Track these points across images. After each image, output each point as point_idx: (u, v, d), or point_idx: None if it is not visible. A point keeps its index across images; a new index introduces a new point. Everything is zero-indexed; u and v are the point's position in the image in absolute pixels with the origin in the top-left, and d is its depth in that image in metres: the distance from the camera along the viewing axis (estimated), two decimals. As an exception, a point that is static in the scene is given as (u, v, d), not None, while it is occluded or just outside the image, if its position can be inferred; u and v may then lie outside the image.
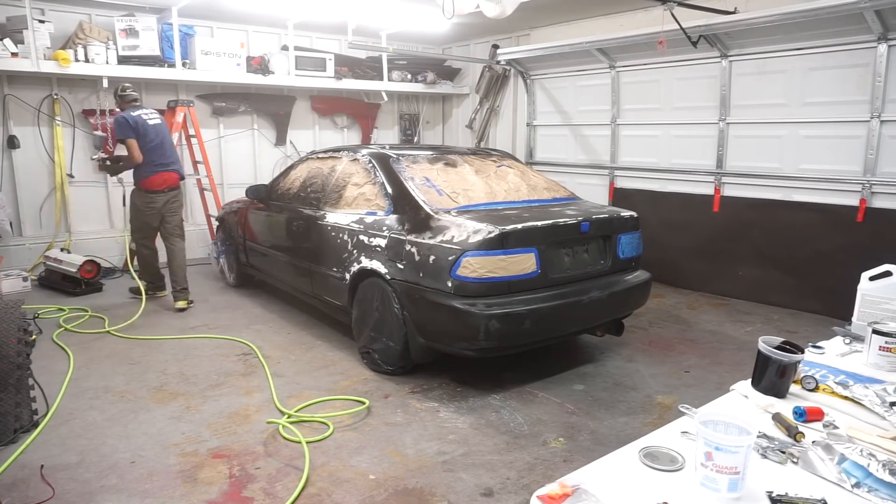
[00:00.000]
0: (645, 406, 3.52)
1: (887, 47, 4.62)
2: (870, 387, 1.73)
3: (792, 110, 5.28)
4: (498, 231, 3.39)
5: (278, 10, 6.64)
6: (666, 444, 1.45)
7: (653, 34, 5.54)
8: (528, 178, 4.53)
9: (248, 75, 7.00)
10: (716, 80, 5.75)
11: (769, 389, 1.73)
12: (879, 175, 4.82)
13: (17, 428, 3.02)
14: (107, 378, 3.84)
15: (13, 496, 2.56)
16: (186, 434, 3.14)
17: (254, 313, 5.28)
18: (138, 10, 6.42)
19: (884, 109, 4.72)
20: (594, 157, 7.10)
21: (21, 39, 5.66)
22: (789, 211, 5.37)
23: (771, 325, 5.01)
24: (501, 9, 4.83)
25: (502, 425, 3.26)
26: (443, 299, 3.46)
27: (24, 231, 6.47)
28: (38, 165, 6.45)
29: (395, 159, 4.22)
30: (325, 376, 3.90)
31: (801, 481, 1.32)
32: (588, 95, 7.02)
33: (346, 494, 2.61)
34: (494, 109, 8.60)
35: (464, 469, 2.82)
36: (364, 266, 3.98)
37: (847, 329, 2.24)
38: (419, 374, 3.88)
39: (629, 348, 4.45)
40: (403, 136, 9.43)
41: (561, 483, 1.26)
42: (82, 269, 5.71)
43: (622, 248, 4.04)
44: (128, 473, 2.76)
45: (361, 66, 8.18)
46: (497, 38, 8.36)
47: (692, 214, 6.08)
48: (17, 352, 3.02)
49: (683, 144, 6.14)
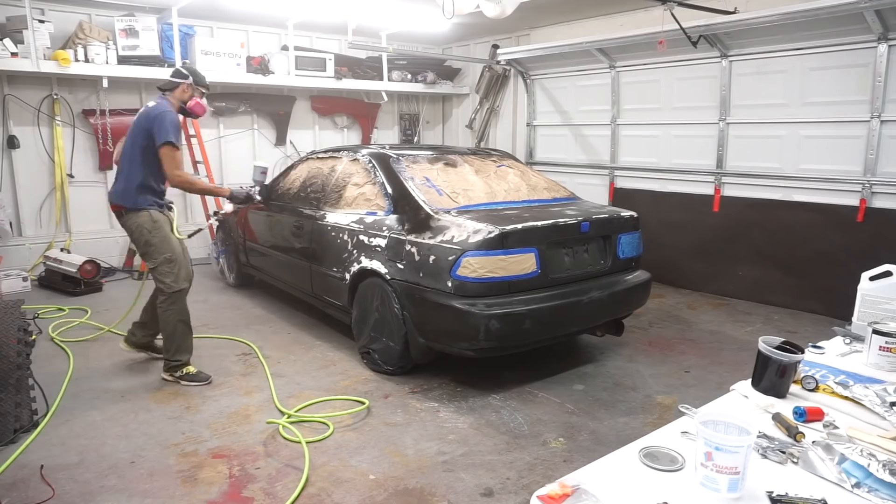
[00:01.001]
0: (645, 406, 3.52)
1: (887, 47, 4.62)
2: (870, 387, 1.73)
3: (792, 110, 5.28)
4: (498, 231, 3.39)
5: (278, 10, 6.63)
6: (666, 444, 1.45)
7: (653, 34, 5.54)
8: (528, 178, 4.54)
9: (248, 75, 7.00)
10: (716, 80, 5.75)
11: (769, 389, 1.73)
12: (879, 175, 4.81)
13: (17, 428, 3.02)
14: (107, 378, 3.84)
15: (13, 496, 2.56)
16: (186, 434, 3.14)
17: (254, 313, 5.28)
18: (138, 10, 6.42)
19: (884, 109, 4.72)
20: (594, 157, 7.09)
21: (21, 39, 5.66)
22: (789, 211, 5.36)
23: (771, 325, 5.00)
24: (501, 9, 4.84)
25: (502, 425, 3.26)
26: (443, 299, 3.45)
27: (24, 231, 6.47)
28: (38, 165, 6.44)
29: (395, 159, 4.22)
30: (325, 376, 3.90)
31: (801, 481, 1.31)
32: (588, 95, 7.02)
33: (346, 494, 2.61)
34: (494, 109, 8.60)
35: (464, 469, 2.82)
36: (364, 266, 3.98)
37: (847, 329, 2.24)
38: (419, 374, 3.88)
39: (629, 348, 4.44)
40: (403, 136, 9.43)
41: (561, 483, 1.26)
42: (82, 269, 5.71)
43: (622, 248, 4.04)
44: (128, 473, 2.76)
45: (361, 66, 8.18)
46: (497, 38, 8.35)
47: (692, 214, 6.07)
48: (17, 352, 3.02)
49: (683, 144, 6.14)
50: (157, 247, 3.64)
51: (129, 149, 3.65)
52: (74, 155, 6.60)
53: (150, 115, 3.60)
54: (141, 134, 3.61)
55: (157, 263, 3.65)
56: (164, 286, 3.66)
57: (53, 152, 6.45)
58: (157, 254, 3.65)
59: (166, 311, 3.69)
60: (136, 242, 3.74)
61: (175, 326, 3.72)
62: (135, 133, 3.64)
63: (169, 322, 3.71)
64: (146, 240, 3.64)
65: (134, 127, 3.66)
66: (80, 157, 6.66)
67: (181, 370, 3.75)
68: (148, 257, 3.68)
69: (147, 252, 3.67)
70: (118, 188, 3.67)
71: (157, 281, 3.69)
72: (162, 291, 3.68)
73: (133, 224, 3.64)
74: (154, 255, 3.65)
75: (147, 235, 3.63)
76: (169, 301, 3.67)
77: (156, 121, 3.56)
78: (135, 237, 3.69)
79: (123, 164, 3.68)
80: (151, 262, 3.67)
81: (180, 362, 3.76)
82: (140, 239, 3.66)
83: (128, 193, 3.62)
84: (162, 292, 3.68)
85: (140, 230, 3.63)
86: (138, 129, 3.62)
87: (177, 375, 3.75)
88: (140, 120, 3.64)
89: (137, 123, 3.64)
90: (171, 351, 3.74)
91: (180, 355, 3.76)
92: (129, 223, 3.65)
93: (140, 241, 3.67)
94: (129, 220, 3.65)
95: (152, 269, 3.69)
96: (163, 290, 3.67)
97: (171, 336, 3.72)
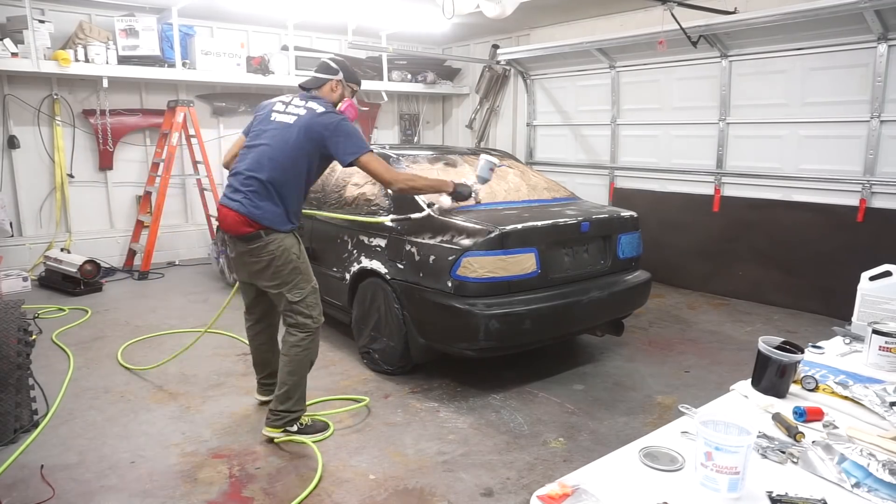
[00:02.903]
0: (645, 406, 3.52)
1: (887, 47, 4.62)
2: (870, 387, 1.73)
3: (792, 110, 5.28)
4: (498, 231, 3.39)
5: (278, 10, 6.64)
6: (666, 444, 1.45)
7: (653, 34, 5.54)
8: (528, 178, 4.54)
9: (248, 75, 7.00)
10: (716, 80, 5.75)
11: (769, 389, 1.73)
12: (879, 175, 4.82)
13: (17, 428, 3.02)
14: (107, 378, 3.84)
15: (13, 496, 2.56)
16: (186, 434, 3.14)
17: (254, 313, 5.27)
18: (138, 10, 6.42)
19: (884, 109, 4.72)
20: (594, 157, 7.10)
21: (21, 39, 5.66)
22: (789, 211, 5.36)
23: (771, 325, 5.00)
24: (501, 9, 4.84)
25: (502, 425, 3.26)
26: (443, 299, 3.46)
27: (24, 231, 6.46)
28: (39, 165, 6.44)
29: (395, 159, 4.22)
30: (325, 376, 3.90)
31: (801, 481, 1.31)
32: (588, 95, 7.02)
33: (346, 494, 2.61)
34: (494, 109, 8.60)
35: (464, 469, 2.82)
36: (364, 266, 3.98)
37: (847, 329, 2.24)
38: (419, 374, 3.88)
39: (629, 348, 4.44)
40: (403, 136, 9.43)
41: (561, 483, 1.26)
42: (82, 270, 5.71)
43: (622, 248, 4.04)
44: (128, 473, 2.76)
45: (361, 66, 8.18)
46: (497, 38, 8.35)
47: (692, 214, 6.07)
48: (17, 352, 3.02)
49: (683, 144, 6.14)
50: (307, 275, 3.00)
51: (287, 158, 2.86)
52: (74, 155, 6.60)
53: (323, 123, 2.87)
54: (311, 144, 2.88)
55: (304, 294, 2.96)
56: (311, 321, 2.99)
57: (53, 152, 6.45)
58: (306, 283, 2.98)
59: (304, 352, 2.99)
60: (274, 269, 2.91)
61: (305, 371, 3.06)
62: (299, 142, 2.86)
63: (303, 365, 3.02)
64: (295, 266, 2.94)
65: (294, 134, 2.86)
66: (80, 157, 6.66)
67: (299, 423, 3.08)
68: (294, 287, 2.94)
69: (293, 281, 2.94)
70: (255, 201, 2.84)
71: (299, 315, 2.96)
72: (305, 328, 2.97)
73: (278, 248, 2.89)
74: (302, 284, 2.96)
75: (297, 261, 2.95)
76: (309, 339, 3.01)
77: (335, 136, 2.87)
78: (277, 263, 2.90)
79: (270, 173, 2.85)
80: (298, 293, 2.94)
81: (300, 412, 3.08)
82: (286, 265, 2.92)
83: (275, 211, 2.88)
84: (304, 328, 2.97)
85: (288, 254, 2.91)
86: (303, 137, 2.86)
87: (294, 431, 3.04)
88: (304, 126, 2.87)
89: (301, 131, 2.86)
90: (293, 400, 3.01)
91: (302, 404, 3.08)
92: (272, 246, 2.88)
93: (286, 267, 2.92)
94: (273, 242, 2.88)
95: (297, 301, 2.95)
96: (307, 326, 2.97)
97: (298, 383, 3.02)
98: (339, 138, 2.88)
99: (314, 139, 2.88)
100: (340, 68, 3.08)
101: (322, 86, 3.06)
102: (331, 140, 2.88)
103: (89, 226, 6.83)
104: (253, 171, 2.87)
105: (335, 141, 2.88)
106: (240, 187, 2.89)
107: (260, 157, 2.89)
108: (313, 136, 2.87)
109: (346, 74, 3.09)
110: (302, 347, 2.99)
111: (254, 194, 2.85)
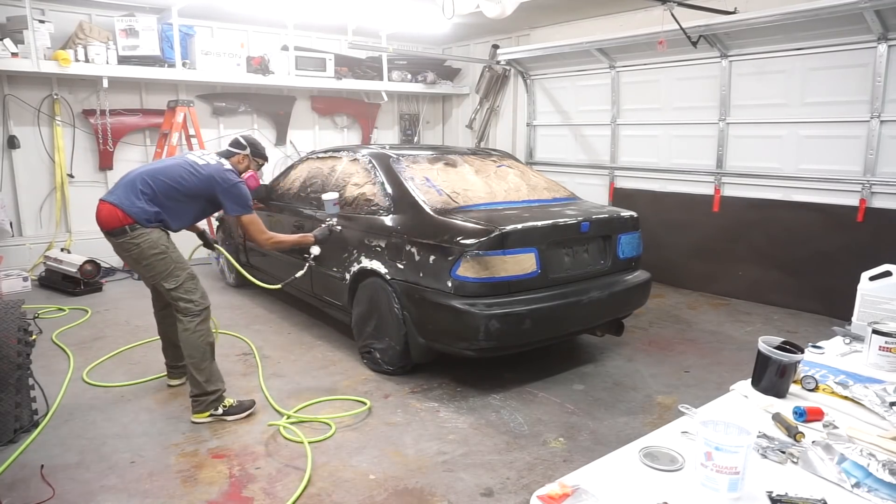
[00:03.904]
0: (645, 406, 3.52)
1: (887, 47, 4.62)
2: (870, 387, 1.73)
3: (792, 110, 5.28)
4: (498, 231, 3.39)
5: (278, 10, 6.64)
6: (666, 444, 1.45)
7: (653, 34, 5.54)
8: (528, 178, 4.54)
9: (248, 75, 7.00)
10: (716, 80, 5.75)
11: (769, 389, 1.73)
12: (879, 175, 4.82)
13: (17, 428, 3.02)
14: (107, 378, 3.84)
15: (13, 496, 2.56)
16: (186, 434, 3.14)
17: (254, 313, 5.28)
18: (138, 10, 6.42)
19: (884, 109, 4.72)
20: (594, 157, 7.10)
21: (21, 39, 5.66)
22: (789, 211, 5.36)
23: (771, 325, 5.00)
24: (501, 9, 4.84)
25: (502, 425, 3.26)
26: (443, 299, 3.45)
27: (24, 231, 6.47)
28: (39, 165, 6.44)
29: (395, 159, 4.22)
30: (325, 376, 3.90)
31: (801, 481, 1.32)
32: (588, 95, 7.02)
33: (346, 494, 2.61)
34: (494, 109, 8.60)
35: (464, 469, 2.82)
36: (364, 266, 3.98)
37: (847, 329, 2.24)
38: (419, 374, 3.88)
39: (629, 348, 4.44)
40: (403, 136, 9.43)
41: (561, 483, 1.26)
42: (82, 270, 5.71)
43: (622, 248, 4.04)
44: (128, 473, 2.76)
45: (361, 66, 8.18)
46: (497, 38, 8.36)
47: (692, 214, 6.07)
48: (17, 352, 3.02)
49: (683, 144, 6.15)
50: (179, 263, 3.28)
51: (171, 188, 3.25)
52: (75, 155, 6.60)
53: (224, 177, 3.34)
54: (209, 188, 3.33)
55: (181, 281, 3.25)
56: (193, 304, 3.26)
57: (53, 152, 6.45)
58: (180, 270, 3.27)
59: (194, 334, 3.24)
60: (146, 261, 3.20)
61: (205, 351, 3.27)
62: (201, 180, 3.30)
63: (198, 347, 3.25)
64: (165, 256, 3.22)
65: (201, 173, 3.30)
66: (80, 157, 6.66)
67: (221, 404, 3.30)
68: (169, 276, 3.23)
69: (167, 270, 3.22)
70: (132, 198, 3.17)
71: (180, 301, 3.25)
72: (189, 311, 3.25)
73: (144, 241, 3.17)
74: (177, 272, 3.25)
75: (166, 251, 3.23)
76: (199, 320, 3.27)
77: (228, 193, 3.34)
78: (146, 254, 3.18)
79: (154, 189, 3.22)
80: (173, 280, 3.23)
81: (218, 392, 3.30)
82: (156, 256, 3.20)
83: (142, 209, 3.18)
84: (189, 312, 3.25)
85: (156, 245, 3.20)
86: (205, 180, 3.30)
87: (219, 413, 3.28)
88: (210, 173, 3.31)
89: (200, 180, 3.29)
90: (204, 381, 3.24)
91: (216, 384, 3.30)
92: (139, 239, 3.17)
93: (157, 258, 3.20)
94: (139, 236, 3.17)
95: (174, 288, 3.24)
96: (190, 310, 3.25)
97: (199, 363, 3.24)
98: (231, 196, 3.37)
99: (213, 186, 3.34)
100: (248, 144, 3.64)
101: (232, 157, 3.59)
102: (224, 195, 3.36)
103: (89, 226, 6.78)
104: (149, 180, 3.26)
105: (227, 197, 3.37)
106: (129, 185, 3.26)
107: (164, 171, 3.31)
108: (212, 184, 3.34)
109: (253, 150, 3.65)
110: (191, 331, 3.26)
111: (125, 189, 3.23)
